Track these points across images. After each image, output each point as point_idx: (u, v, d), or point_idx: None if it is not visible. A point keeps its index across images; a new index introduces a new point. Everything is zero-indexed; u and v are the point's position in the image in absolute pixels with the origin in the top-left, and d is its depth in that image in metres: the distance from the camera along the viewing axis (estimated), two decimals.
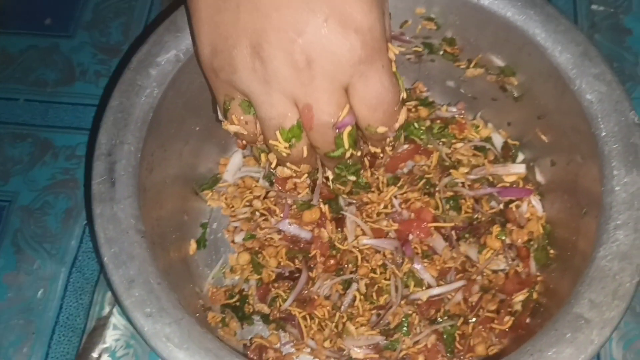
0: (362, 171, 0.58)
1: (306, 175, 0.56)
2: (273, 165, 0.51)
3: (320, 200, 0.58)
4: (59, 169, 0.67)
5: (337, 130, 0.44)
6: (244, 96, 0.44)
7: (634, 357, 0.56)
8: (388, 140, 0.50)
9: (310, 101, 0.41)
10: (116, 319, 0.59)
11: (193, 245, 0.59)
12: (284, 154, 0.47)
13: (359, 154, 0.51)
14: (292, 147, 0.45)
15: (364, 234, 0.57)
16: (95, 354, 0.58)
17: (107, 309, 0.60)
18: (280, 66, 0.40)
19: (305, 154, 0.46)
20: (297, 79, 0.40)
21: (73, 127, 0.69)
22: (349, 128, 0.44)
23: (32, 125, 0.69)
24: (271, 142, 0.45)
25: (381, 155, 0.57)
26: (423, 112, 0.63)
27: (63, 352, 0.58)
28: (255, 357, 0.55)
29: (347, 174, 0.56)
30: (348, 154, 0.48)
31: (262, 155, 0.50)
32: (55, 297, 0.61)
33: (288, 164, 0.52)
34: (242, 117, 0.46)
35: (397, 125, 0.47)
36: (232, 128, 0.46)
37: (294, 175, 0.55)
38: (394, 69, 0.45)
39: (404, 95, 0.48)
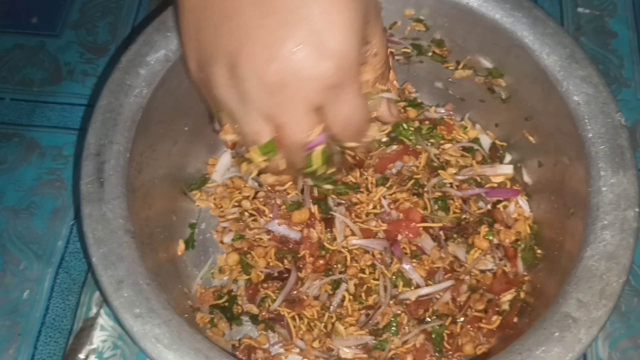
0: (342, 176, 0.59)
1: (290, 182, 0.57)
2: (253, 175, 0.51)
3: (310, 200, 0.58)
4: (45, 169, 0.66)
5: (307, 150, 0.45)
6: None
7: (620, 356, 0.57)
8: (359, 151, 0.50)
9: (282, 121, 0.42)
10: (103, 319, 0.59)
11: (181, 246, 0.59)
12: (262, 166, 0.47)
13: (332, 170, 0.51)
14: (269, 161, 0.46)
15: (353, 234, 0.57)
16: (82, 355, 0.57)
17: (94, 310, 0.59)
18: (253, 87, 0.40)
19: (282, 167, 0.46)
20: (270, 100, 0.41)
21: (60, 127, 0.68)
22: (320, 147, 0.45)
23: (18, 124, 0.69)
24: (248, 155, 0.46)
25: (357, 158, 0.57)
26: (412, 113, 0.63)
27: (49, 353, 0.58)
28: (244, 358, 0.54)
29: (323, 184, 0.56)
30: (321, 171, 0.48)
31: (243, 165, 0.50)
32: (41, 298, 0.60)
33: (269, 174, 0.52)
34: (236, 126, 0.46)
35: (366, 140, 0.47)
36: (229, 137, 0.47)
37: (277, 183, 0.55)
38: (366, 89, 0.45)
39: (375, 113, 0.48)
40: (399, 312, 0.55)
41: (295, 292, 0.56)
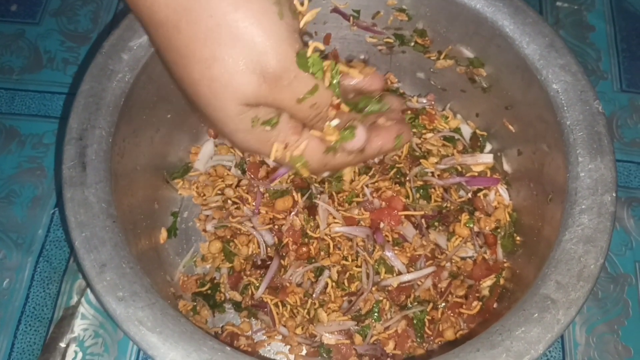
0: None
1: None
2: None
3: (293, 188, 0.58)
4: (25, 157, 0.66)
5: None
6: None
7: (597, 341, 0.58)
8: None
9: None
10: (84, 308, 0.58)
11: (164, 234, 0.59)
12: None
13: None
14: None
15: (336, 222, 0.58)
16: (63, 344, 0.57)
17: (75, 299, 0.59)
18: None
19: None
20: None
21: (40, 115, 0.68)
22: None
23: None
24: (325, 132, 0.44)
25: None
26: None
27: (29, 342, 0.57)
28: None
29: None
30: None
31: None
32: (21, 286, 0.59)
33: None
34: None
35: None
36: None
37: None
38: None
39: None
40: (381, 298, 0.55)
41: (278, 279, 0.57)
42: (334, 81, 0.41)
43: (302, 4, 0.40)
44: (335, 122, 0.44)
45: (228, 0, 0.37)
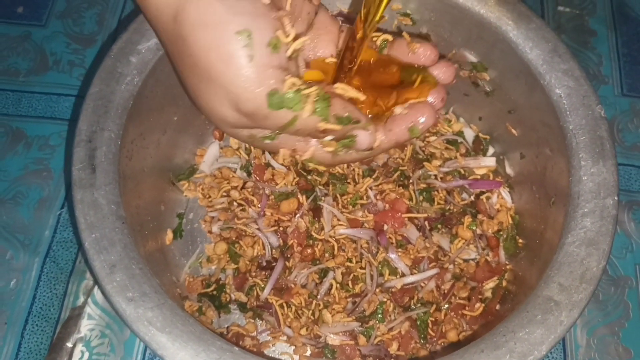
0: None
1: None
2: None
3: (298, 190, 0.59)
4: (31, 159, 0.66)
5: None
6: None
7: (597, 343, 0.59)
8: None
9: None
10: (91, 308, 0.59)
11: (170, 235, 0.60)
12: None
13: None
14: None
15: (341, 224, 0.58)
16: (69, 344, 0.57)
17: (81, 299, 0.59)
18: None
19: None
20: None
21: (46, 117, 0.68)
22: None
23: (4, 114, 0.68)
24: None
25: None
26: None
27: (36, 342, 0.58)
28: None
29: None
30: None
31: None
32: (28, 287, 0.60)
33: None
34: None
35: None
36: None
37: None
38: None
39: None
40: (385, 299, 0.56)
41: (283, 280, 0.57)
42: (318, 109, 0.42)
43: (287, 35, 0.41)
44: (328, 138, 0.44)
45: (202, 41, 0.39)
